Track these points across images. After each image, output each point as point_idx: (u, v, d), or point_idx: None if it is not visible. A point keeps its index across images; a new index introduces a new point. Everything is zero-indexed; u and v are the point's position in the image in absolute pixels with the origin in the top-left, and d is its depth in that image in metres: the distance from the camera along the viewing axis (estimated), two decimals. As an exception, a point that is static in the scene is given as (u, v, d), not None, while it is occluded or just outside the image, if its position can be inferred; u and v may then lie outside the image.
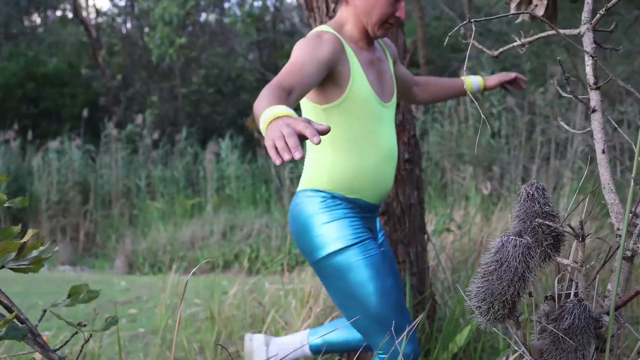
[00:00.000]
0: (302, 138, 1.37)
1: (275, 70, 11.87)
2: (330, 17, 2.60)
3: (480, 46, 1.76)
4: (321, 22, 2.65)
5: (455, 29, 1.38)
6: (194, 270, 1.17)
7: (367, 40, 2.13)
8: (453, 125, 7.41)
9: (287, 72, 1.84)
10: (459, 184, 6.88)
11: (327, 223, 2.01)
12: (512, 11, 1.72)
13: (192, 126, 10.89)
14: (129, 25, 14.20)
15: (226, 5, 12.60)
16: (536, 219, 1.17)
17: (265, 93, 1.68)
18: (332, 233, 2.00)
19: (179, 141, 9.68)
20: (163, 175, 8.81)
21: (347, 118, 2.03)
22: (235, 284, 3.73)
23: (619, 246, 1.19)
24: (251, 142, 10.09)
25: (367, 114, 2.04)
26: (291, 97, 1.77)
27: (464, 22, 1.30)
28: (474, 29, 1.33)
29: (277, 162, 1.32)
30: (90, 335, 1.27)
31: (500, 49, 1.71)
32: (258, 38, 11.27)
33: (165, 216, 7.97)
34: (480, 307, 1.08)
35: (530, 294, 1.26)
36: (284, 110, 1.49)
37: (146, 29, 12.39)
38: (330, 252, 1.99)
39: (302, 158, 1.35)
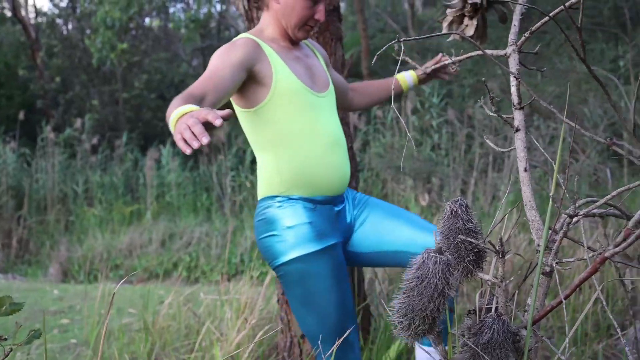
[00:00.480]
0: (209, 126, 1.45)
1: (219, 77, 11.79)
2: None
3: (413, 62, 1.80)
4: (260, 33, 2.65)
5: (385, 47, 1.40)
6: (124, 279, 1.16)
7: (290, 40, 2.15)
8: (394, 136, 7.50)
9: (199, 81, 1.87)
10: (400, 195, 6.96)
11: (288, 229, 2.00)
12: (444, 30, 1.76)
13: (132, 131, 10.73)
14: (69, 26, 13.91)
15: (171, 10, 12.47)
16: (459, 236, 1.20)
17: (175, 100, 1.72)
18: (292, 239, 1.99)
19: (118, 146, 9.52)
20: (101, 181, 8.64)
21: (280, 113, 2.03)
22: (171, 294, 3.68)
23: (538, 262, 1.23)
24: (193, 149, 9.97)
25: (299, 106, 2.04)
26: (205, 103, 1.80)
27: (393, 42, 1.32)
28: (402, 48, 1.36)
29: (187, 151, 1.42)
30: (11, 349, 1.24)
31: (432, 67, 1.74)
32: (202, 44, 11.20)
33: (103, 223, 7.82)
34: (402, 322, 1.10)
35: (452, 310, 1.28)
36: (190, 107, 1.56)
37: (88, 31, 12.16)
38: (290, 259, 1.98)
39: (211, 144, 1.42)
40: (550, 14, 1.34)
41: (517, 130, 1.41)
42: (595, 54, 6.24)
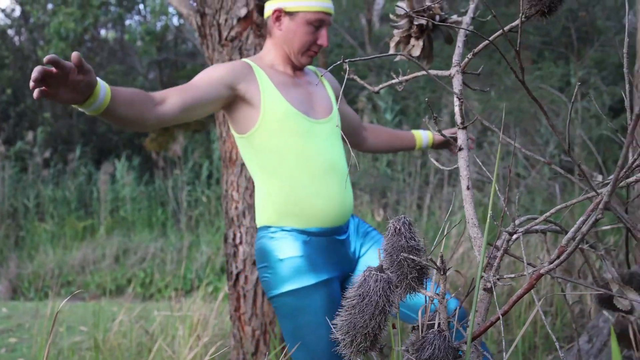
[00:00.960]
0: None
1: (176, 90, 11.70)
2: (223, 45, 2.63)
3: (362, 82, 1.82)
4: (214, 50, 2.66)
5: (333, 65, 1.43)
6: (72, 295, 1.15)
7: (293, 67, 2.15)
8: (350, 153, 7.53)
9: (172, 88, 1.90)
10: (356, 211, 7.00)
11: (280, 261, 1.98)
12: (392, 51, 1.79)
13: (86, 145, 10.57)
14: (22, 37, 13.67)
15: (127, 22, 12.37)
16: (402, 253, 1.22)
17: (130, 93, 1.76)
18: (286, 272, 1.96)
19: (71, 160, 9.35)
20: (53, 196, 8.48)
21: (271, 138, 2.01)
22: (122, 311, 3.63)
23: (480, 277, 1.25)
24: (148, 163, 9.89)
25: (291, 131, 2.01)
26: (166, 103, 1.82)
27: (339, 62, 1.35)
28: (347, 68, 1.38)
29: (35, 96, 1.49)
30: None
31: (380, 86, 1.77)
32: (159, 57, 11.11)
33: (55, 238, 7.66)
34: (344, 339, 1.11)
35: (394, 326, 1.30)
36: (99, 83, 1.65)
37: (41, 42, 11.96)
38: (282, 292, 1.96)
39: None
40: (490, 38, 1.38)
41: (460, 149, 1.45)
42: (545, 72, 6.40)
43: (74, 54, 1.53)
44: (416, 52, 1.72)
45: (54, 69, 1.51)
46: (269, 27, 2.13)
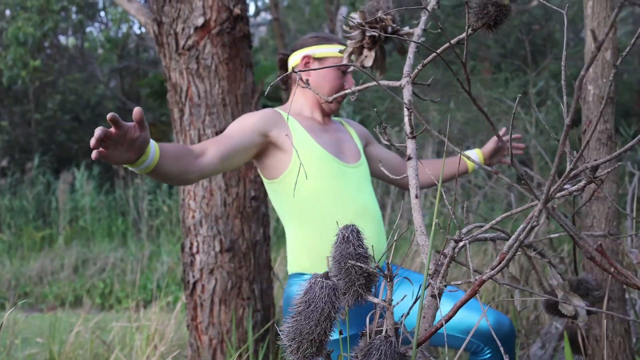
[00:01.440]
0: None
1: (137, 98, 11.63)
2: (180, 54, 2.63)
3: (315, 92, 1.84)
4: (171, 58, 2.67)
5: (282, 75, 1.45)
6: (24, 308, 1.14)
7: (321, 113, 2.18)
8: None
9: (208, 140, 1.94)
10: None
11: None
12: (345, 61, 1.82)
13: (45, 154, 10.41)
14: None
15: (87, 29, 12.23)
16: (349, 261, 1.24)
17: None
18: None
19: (30, 169, 9.21)
20: (11, 205, 8.33)
21: (305, 182, 2.00)
22: (79, 322, 3.59)
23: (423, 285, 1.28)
24: (109, 172, 9.78)
25: (324, 174, 2.02)
26: (206, 155, 1.84)
27: (288, 72, 1.37)
28: (298, 78, 1.40)
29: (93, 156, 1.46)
30: None
31: (333, 96, 1.80)
32: (120, 65, 11.01)
33: (12, 249, 7.53)
34: (290, 345, 1.13)
35: (340, 332, 1.32)
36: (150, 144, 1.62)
37: (-1, 49, 11.77)
38: None
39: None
40: (438, 50, 1.42)
41: (409, 158, 1.48)
42: (500, 83, 6.52)
43: (136, 109, 1.49)
44: (368, 62, 1.75)
45: (113, 130, 1.46)
46: (295, 77, 2.17)
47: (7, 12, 10.59)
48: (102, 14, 11.74)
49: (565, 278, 1.82)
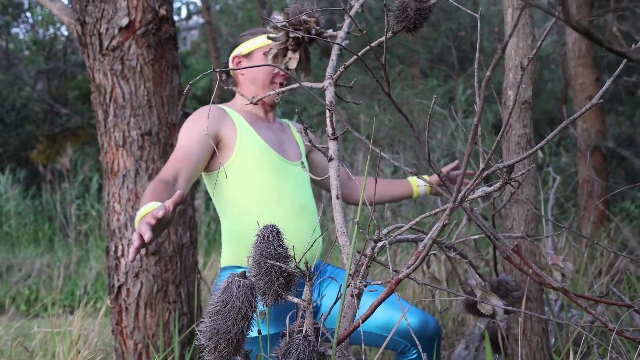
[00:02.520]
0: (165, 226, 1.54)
1: (65, 101, 11.32)
2: (104, 55, 2.58)
3: (240, 92, 1.84)
4: (94, 59, 2.61)
5: (202, 75, 1.44)
6: None
7: (264, 110, 2.21)
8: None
9: (172, 159, 1.93)
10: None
11: None
12: (270, 62, 1.82)
13: (-32, 157, 10.04)
14: None
15: (13, 30, 11.83)
16: (269, 260, 1.24)
17: (147, 189, 1.75)
18: None
19: (-48, 173, 8.87)
20: None
21: (244, 173, 2.04)
22: (0, 328, 3.46)
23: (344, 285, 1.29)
24: (36, 177, 9.49)
25: (265, 168, 2.05)
26: (179, 181, 1.85)
27: (209, 71, 1.36)
28: (219, 78, 1.39)
29: (130, 259, 1.44)
30: None
31: (258, 97, 1.80)
32: (47, 67, 10.70)
33: None
34: (208, 345, 1.12)
35: (259, 332, 1.32)
36: (151, 206, 1.61)
37: None
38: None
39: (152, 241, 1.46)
40: (359, 53, 1.44)
41: (331, 159, 1.49)
42: (429, 89, 6.65)
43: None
44: (293, 64, 1.75)
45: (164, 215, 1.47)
46: (235, 77, 2.23)
47: None
48: (28, 14, 11.39)
49: (486, 279, 1.87)
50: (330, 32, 1.78)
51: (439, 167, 1.42)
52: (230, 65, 2.23)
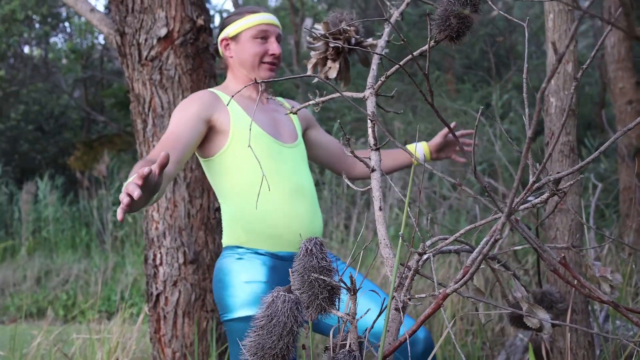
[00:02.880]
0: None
1: (101, 109, 11.48)
2: (143, 65, 2.60)
3: (281, 102, 1.82)
4: (134, 69, 2.63)
5: (244, 87, 1.43)
6: None
7: (256, 91, 2.18)
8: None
9: (161, 142, 1.91)
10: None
11: (244, 284, 1.94)
12: (309, 72, 1.81)
13: (8, 164, 10.22)
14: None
15: (52, 39, 12.04)
16: (313, 274, 1.22)
17: (134, 167, 1.75)
18: (244, 296, 1.93)
19: (-8, 180, 9.04)
20: (-28, 216, 8.17)
21: (240, 159, 2.03)
22: (40, 334, 3.51)
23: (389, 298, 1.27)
24: (73, 183, 9.63)
25: (260, 153, 2.03)
26: (169, 163, 1.79)
27: (252, 82, 1.35)
28: (261, 88, 1.39)
29: (119, 217, 1.44)
30: None
31: (296, 108, 1.78)
32: (84, 75, 10.87)
33: (-27, 260, 7.37)
34: (252, 361, 1.10)
35: (303, 347, 1.30)
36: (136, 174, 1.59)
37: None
38: (238, 317, 1.92)
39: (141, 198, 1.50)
40: (401, 62, 1.41)
41: (373, 170, 1.47)
42: (464, 94, 6.58)
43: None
44: (332, 74, 1.74)
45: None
46: (225, 60, 2.20)
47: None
48: (67, 24, 11.58)
49: (529, 290, 1.83)
50: (370, 41, 1.76)
51: (482, 176, 1.39)
52: (220, 48, 2.21)
